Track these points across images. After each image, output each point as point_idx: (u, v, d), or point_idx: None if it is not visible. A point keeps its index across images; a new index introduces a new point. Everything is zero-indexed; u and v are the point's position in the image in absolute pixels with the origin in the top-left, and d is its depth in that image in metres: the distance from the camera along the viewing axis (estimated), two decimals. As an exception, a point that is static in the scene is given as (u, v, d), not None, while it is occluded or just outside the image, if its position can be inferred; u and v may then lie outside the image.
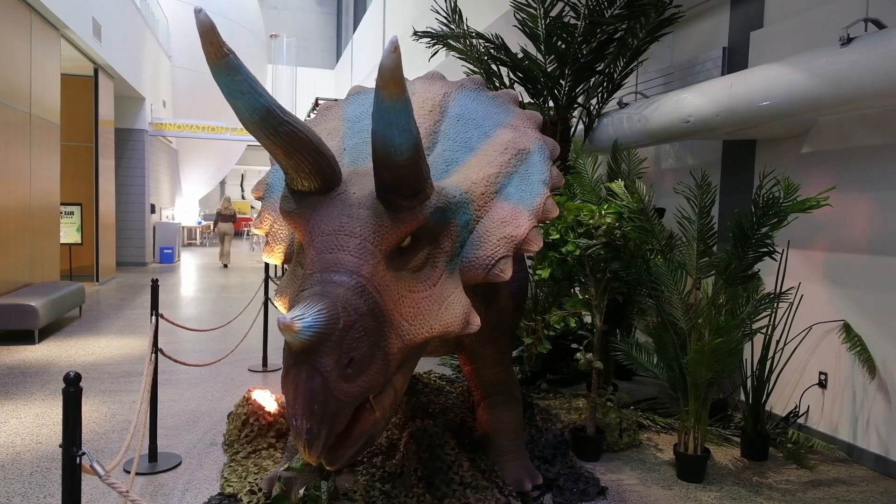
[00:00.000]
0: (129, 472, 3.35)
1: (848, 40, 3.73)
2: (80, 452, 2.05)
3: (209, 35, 1.90)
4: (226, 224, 15.57)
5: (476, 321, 2.52)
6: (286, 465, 3.10)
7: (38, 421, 4.49)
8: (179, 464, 3.82)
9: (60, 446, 2.05)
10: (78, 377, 2.10)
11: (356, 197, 2.37)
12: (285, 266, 2.97)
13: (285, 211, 2.40)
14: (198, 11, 1.86)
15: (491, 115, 3.18)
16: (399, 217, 2.32)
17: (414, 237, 2.41)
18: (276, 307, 2.56)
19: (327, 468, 2.26)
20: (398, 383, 2.38)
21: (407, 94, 2.07)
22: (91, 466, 2.07)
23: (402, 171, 2.23)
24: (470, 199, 2.69)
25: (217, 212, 16.00)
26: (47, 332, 7.39)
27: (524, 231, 2.73)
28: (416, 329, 2.36)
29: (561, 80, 5.90)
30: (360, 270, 2.23)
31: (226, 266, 15.63)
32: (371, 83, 3.44)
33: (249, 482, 3.46)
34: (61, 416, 2.10)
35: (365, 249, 2.26)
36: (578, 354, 4.05)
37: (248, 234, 24.74)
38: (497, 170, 2.87)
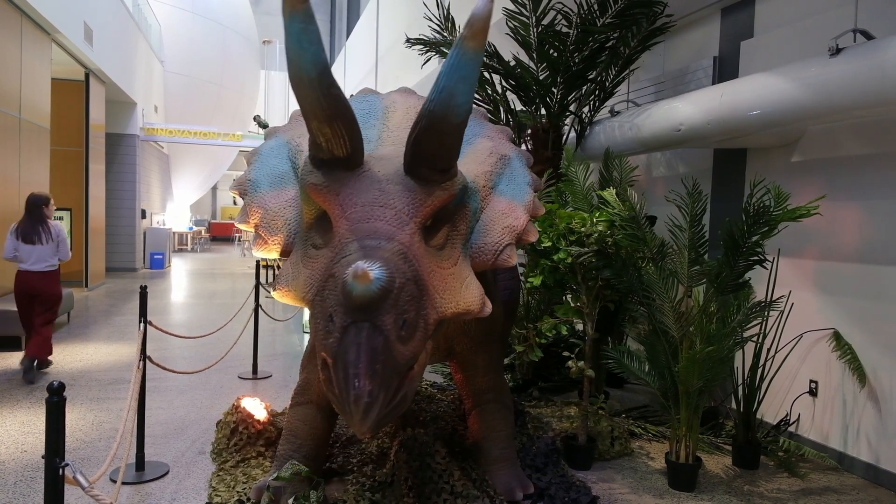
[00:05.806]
0: (115, 482, 3.30)
1: (837, 51, 3.77)
2: (62, 463, 2.01)
3: None
4: None
5: (489, 305, 2.54)
6: (275, 475, 3.07)
7: (24, 429, 4.43)
8: (167, 473, 3.77)
9: (43, 457, 2.02)
10: (62, 387, 2.06)
11: (383, 174, 2.40)
12: (278, 265, 2.93)
13: (312, 184, 2.38)
14: None
15: (468, 127, 3.24)
16: (431, 190, 2.37)
17: (434, 217, 2.46)
18: (266, 313, 2.54)
19: (359, 436, 2.22)
20: (426, 355, 2.39)
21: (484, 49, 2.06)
22: (74, 477, 2.04)
23: (449, 139, 2.26)
24: (477, 189, 2.79)
25: None
26: (34, 338, 7.29)
27: (523, 223, 2.84)
28: (447, 302, 2.38)
29: (553, 88, 5.92)
30: (400, 238, 2.25)
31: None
32: (361, 88, 3.45)
33: (238, 491, 3.42)
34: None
35: (401, 220, 2.29)
36: (570, 362, 4.04)
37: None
38: (490, 168, 2.98)
